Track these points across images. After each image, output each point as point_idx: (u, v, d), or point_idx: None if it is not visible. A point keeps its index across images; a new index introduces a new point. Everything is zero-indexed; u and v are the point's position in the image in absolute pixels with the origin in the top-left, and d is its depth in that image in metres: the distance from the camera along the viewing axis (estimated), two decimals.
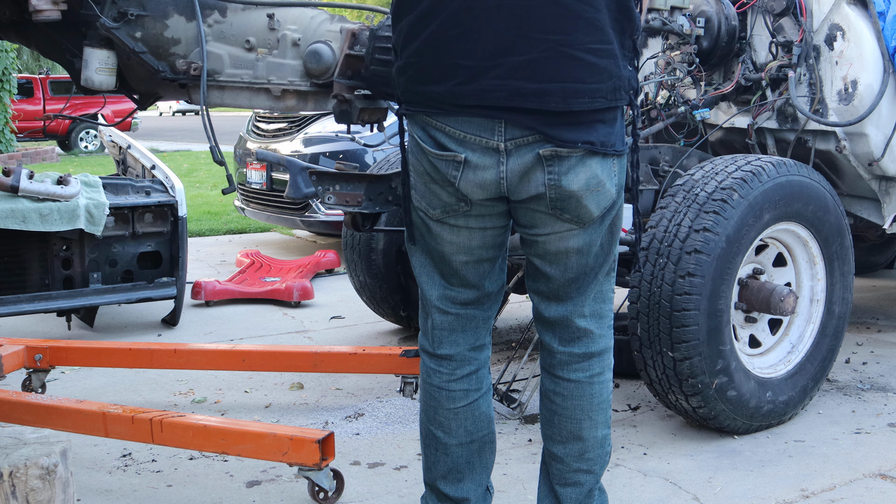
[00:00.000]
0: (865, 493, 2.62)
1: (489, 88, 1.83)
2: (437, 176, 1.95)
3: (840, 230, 3.21)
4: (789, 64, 3.46)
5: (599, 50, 1.85)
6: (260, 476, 2.75)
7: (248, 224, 7.93)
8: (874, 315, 4.71)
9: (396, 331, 4.41)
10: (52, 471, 1.64)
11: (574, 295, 2.05)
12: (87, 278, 4.20)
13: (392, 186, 3.15)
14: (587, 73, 1.84)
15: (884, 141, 3.40)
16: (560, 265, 2.02)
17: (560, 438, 2.11)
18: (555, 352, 2.10)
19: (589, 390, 2.08)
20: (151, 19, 2.78)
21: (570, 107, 1.83)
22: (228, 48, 2.86)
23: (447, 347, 2.13)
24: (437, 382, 2.15)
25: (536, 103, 1.82)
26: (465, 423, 2.15)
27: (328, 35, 2.85)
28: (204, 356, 3.39)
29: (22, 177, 3.88)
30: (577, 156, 1.87)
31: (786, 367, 3.15)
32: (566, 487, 2.12)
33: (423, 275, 2.14)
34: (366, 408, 3.33)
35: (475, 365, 2.15)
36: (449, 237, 2.04)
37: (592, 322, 2.08)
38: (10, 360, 3.24)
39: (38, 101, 17.94)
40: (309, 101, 2.92)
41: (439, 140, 1.91)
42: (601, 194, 1.93)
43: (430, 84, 1.89)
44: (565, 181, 1.88)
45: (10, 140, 13.36)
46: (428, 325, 2.16)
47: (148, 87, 2.97)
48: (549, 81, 1.82)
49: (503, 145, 1.87)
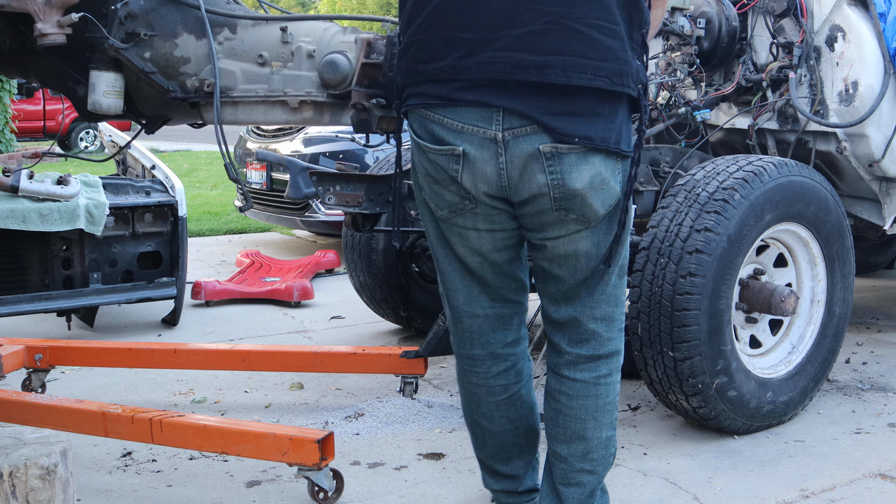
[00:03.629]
0: (865, 493, 2.62)
1: (490, 60, 1.81)
2: (438, 175, 1.94)
3: (841, 231, 3.21)
4: (790, 65, 3.46)
5: (604, 27, 1.82)
6: (260, 476, 2.75)
7: (248, 224, 7.93)
8: (874, 315, 4.71)
9: (396, 331, 4.41)
10: (52, 471, 1.63)
11: (584, 296, 2.05)
12: (87, 278, 4.19)
13: (392, 187, 3.15)
14: (589, 48, 1.81)
15: (884, 142, 3.40)
16: (569, 267, 2.02)
17: (564, 438, 2.11)
18: (563, 352, 2.10)
19: (594, 391, 2.08)
20: (160, 39, 2.76)
21: (570, 80, 1.79)
22: (241, 64, 2.82)
23: (479, 348, 2.14)
24: (474, 381, 2.17)
25: (537, 75, 1.79)
26: (508, 413, 2.18)
27: (343, 46, 2.82)
28: (204, 356, 3.39)
29: (22, 177, 3.88)
30: (578, 153, 1.85)
31: (786, 368, 3.15)
32: (569, 487, 2.13)
33: (447, 282, 2.13)
34: (366, 408, 3.33)
35: (511, 360, 2.16)
36: (458, 240, 2.04)
37: (602, 325, 2.07)
38: (10, 360, 3.24)
39: (38, 101, 17.93)
40: (326, 113, 2.88)
41: (437, 134, 1.90)
42: (606, 192, 1.92)
43: (431, 61, 1.87)
44: (569, 179, 1.87)
45: (11, 140, 13.35)
46: (458, 329, 2.16)
47: (156, 109, 2.94)
48: (551, 54, 1.79)
49: (501, 135, 1.85)
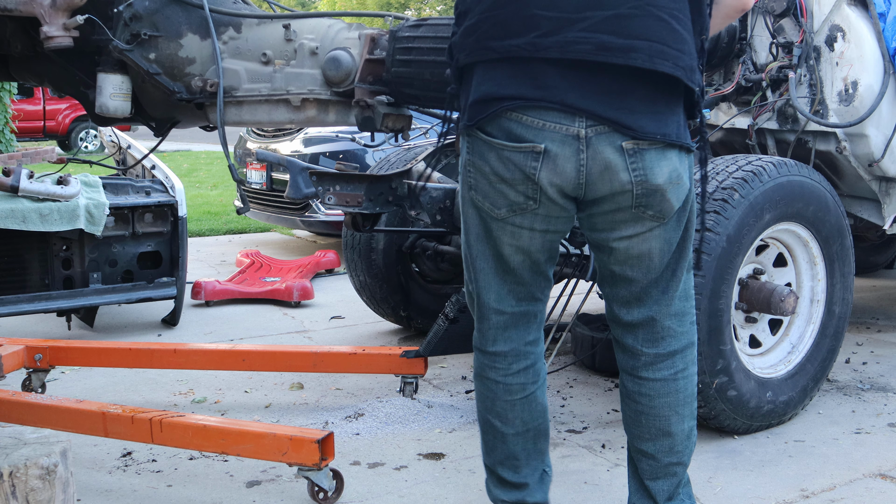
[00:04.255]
0: (865, 493, 2.62)
1: (574, 40, 1.79)
2: (509, 174, 1.91)
3: (840, 230, 3.21)
4: (790, 65, 3.46)
5: (681, 19, 1.84)
6: (260, 476, 2.75)
7: (248, 224, 7.93)
8: (874, 315, 4.71)
9: (396, 331, 4.41)
10: (52, 471, 1.63)
11: (656, 295, 2.04)
12: (87, 278, 4.20)
13: (392, 187, 3.15)
14: (671, 37, 1.82)
15: (884, 142, 3.40)
16: (643, 267, 2.01)
17: (649, 436, 2.11)
18: (639, 353, 2.09)
19: (674, 387, 2.08)
20: (165, 40, 2.74)
21: (655, 66, 1.80)
22: (245, 63, 2.80)
23: (502, 344, 2.13)
24: (493, 377, 2.15)
25: (622, 58, 1.79)
26: (522, 414, 2.16)
27: (347, 42, 2.79)
28: (204, 356, 3.39)
29: (22, 177, 3.88)
30: (658, 148, 1.87)
31: (786, 368, 3.15)
32: (657, 481, 2.13)
33: (480, 279, 2.11)
34: (366, 408, 3.33)
35: (531, 359, 2.15)
36: (509, 239, 2.01)
37: (676, 321, 2.07)
38: (10, 360, 3.24)
39: (38, 102, 17.94)
40: (330, 111, 2.85)
41: (514, 131, 1.87)
42: (681, 187, 1.94)
43: (507, 37, 1.84)
44: (651, 175, 1.87)
45: (11, 140, 13.35)
46: (483, 326, 2.15)
47: (164, 111, 2.93)
48: (636, 38, 1.79)
49: (584, 132, 1.84)
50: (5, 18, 2.75)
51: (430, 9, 35.85)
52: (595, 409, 3.32)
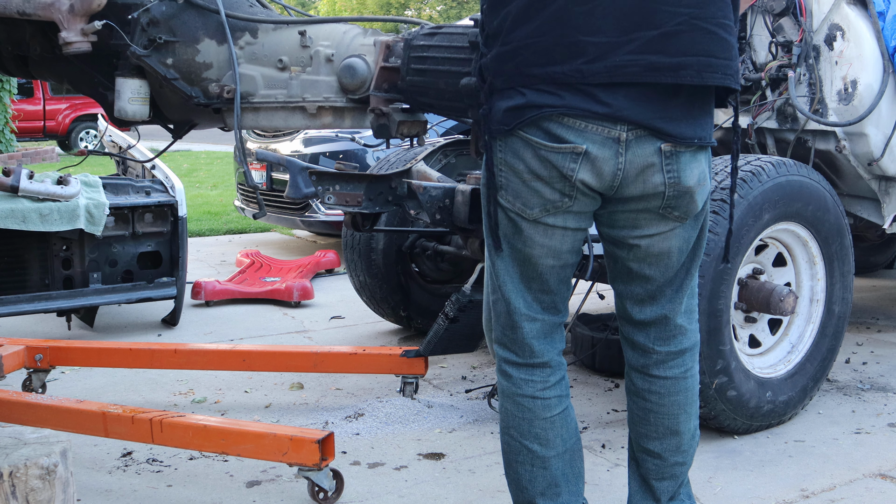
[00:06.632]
0: (865, 493, 2.62)
1: (622, 64, 1.77)
2: (547, 172, 1.87)
3: (840, 230, 3.21)
4: (789, 64, 3.46)
5: (728, 26, 1.84)
6: (260, 476, 2.75)
7: (248, 224, 7.93)
8: (874, 315, 4.71)
9: (396, 331, 4.41)
10: (52, 471, 1.64)
11: (671, 294, 2.04)
12: (87, 278, 4.20)
13: (392, 186, 3.14)
14: (719, 48, 1.82)
15: (883, 141, 3.40)
16: (662, 265, 2.00)
17: (657, 435, 2.10)
18: (650, 351, 2.08)
19: (684, 385, 2.08)
20: (182, 45, 2.75)
21: (704, 80, 1.80)
22: (261, 69, 2.81)
23: (541, 355, 2.04)
24: (530, 392, 2.03)
25: (671, 77, 1.77)
26: (561, 432, 2.06)
27: (362, 49, 2.79)
28: (204, 356, 3.39)
29: (22, 177, 3.88)
30: (692, 151, 1.88)
31: (786, 367, 3.15)
32: (663, 481, 2.12)
33: (507, 284, 2.03)
34: (366, 408, 3.33)
35: (563, 370, 2.09)
36: (541, 239, 1.96)
37: (685, 318, 2.07)
38: (11, 360, 3.25)
39: (38, 101, 17.93)
40: (346, 118, 2.85)
41: (554, 132, 1.84)
42: (706, 188, 1.95)
43: (549, 65, 1.80)
44: (683, 177, 1.88)
45: (11, 140, 13.35)
46: (517, 336, 2.04)
47: (182, 115, 2.93)
48: (684, 55, 1.78)
49: (625, 135, 1.82)
50: (24, 22, 2.76)
51: (430, 8, 35.86)
52: (595, 409, 3.32)
